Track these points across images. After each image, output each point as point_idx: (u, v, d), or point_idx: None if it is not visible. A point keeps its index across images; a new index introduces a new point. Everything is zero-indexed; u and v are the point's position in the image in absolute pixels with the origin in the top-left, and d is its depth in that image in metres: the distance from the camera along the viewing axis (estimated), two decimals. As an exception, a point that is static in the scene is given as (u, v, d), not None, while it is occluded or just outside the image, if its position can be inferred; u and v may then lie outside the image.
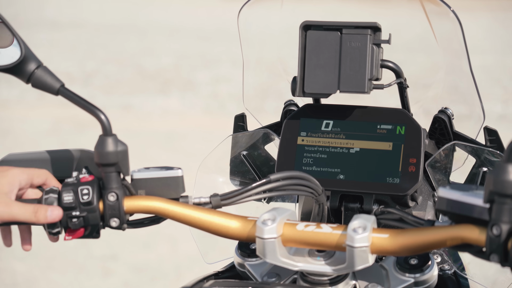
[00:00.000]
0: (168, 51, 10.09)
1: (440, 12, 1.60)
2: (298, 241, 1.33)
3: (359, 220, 1.28)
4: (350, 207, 1.53)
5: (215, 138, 1.97)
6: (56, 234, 1.35)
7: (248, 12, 1.69)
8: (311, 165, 1.55)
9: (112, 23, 12.13)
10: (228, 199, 1.40)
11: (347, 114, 1.55)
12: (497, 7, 12.30)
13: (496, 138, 1.60)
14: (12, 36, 1.38)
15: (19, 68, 1.37)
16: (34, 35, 10.16)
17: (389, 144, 1.52)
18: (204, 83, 8.52)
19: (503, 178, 1.12)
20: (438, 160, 1.58)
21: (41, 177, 1.38)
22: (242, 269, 1.51)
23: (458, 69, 1.67)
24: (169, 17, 12.63)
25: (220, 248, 1.62)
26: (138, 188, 1.37)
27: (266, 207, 1.67)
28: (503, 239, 1.14)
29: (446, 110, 1.64)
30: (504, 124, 6.87)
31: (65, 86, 1.39)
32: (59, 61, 9.05)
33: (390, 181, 1.50)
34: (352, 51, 1.48)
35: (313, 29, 1.51)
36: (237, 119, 1.77)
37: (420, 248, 1.26)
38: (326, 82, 1.50)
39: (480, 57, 8.44)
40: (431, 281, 1.40)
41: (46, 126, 7.02)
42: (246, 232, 1.34)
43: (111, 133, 1.34)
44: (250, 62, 1.77)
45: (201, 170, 1.69)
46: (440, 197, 1.24)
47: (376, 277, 1.39)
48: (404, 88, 1.60)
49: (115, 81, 8.69)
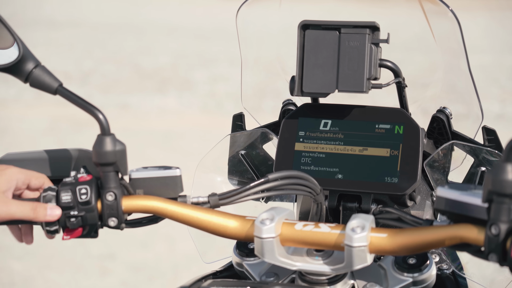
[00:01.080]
0: (165, 50, 10.09)
1: (438, 11, 1.60)
2: (297, 240, 1.33)
3: (358, 220, 1.28)
4: (348, 206, 1.53)
5: (212, 137, 1.97)
6: (53, 233, 1.34)
7: (246, 11, 1.69)
8: (309, 164, 1.55)
9: (110, 22, 12.12)
10: (226, 199, 1.40)
11: (345, 114, 1.55)
12: (495, 6, 12.30)
13: (495, 137, 1.60)
14: (11, 35, 1.38)
15: (17, 68, 1.37)
16: (32, 34, 10.14)
17: (387, 144, 1.52)
18: (202, 82, 8.52)
19: (502, 177, 1.12)
20: (436, 159, 1.58)
21: (39, 180, 1.38)
22: (240, 268, 1.51)
23: (457, 68, 1.67)
24: (166, 16, 12.62)
25: (218, 248, 1.62)
26: (136, 188, 1.37)
27: (264, 206, 1.66)
28: (502, 239, 1.14)
29: (444, 109, 1.64)
30: (502, 123, 6.87)
31: (63, 85, 1.39)
32: (57, 60, 9.04)
33: (389, 180, 1.50)
34: (350, 50, 1.48)
35: (311, 29, 1.51)
36: (235, 118, 1.77)
37: (418, 248, 1.26)
38: (325, 82, 1.50)
39: (478, 57, 8.44)
40: (430, 281, 1.40)
41: (44, 125, 7.02)
42: (245, 232, 1.34)
43: (109, 132, 1.33)
44: (249, 61, 1.77)
45: (199, 170, 1.69)
46: (439, 197, 1.24)
47: (375, 276, 1.39)
48: (402, 88, 1.60)
49: (113, 80, 8.68)
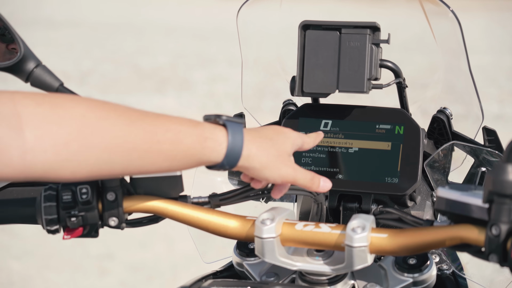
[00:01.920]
0: (164, 50, 10.09)
1: (439, 12, 1.60)
2: (297, 240, 1.33)
3: (358, 220, 1.28)
4: (349, 206, 1.53)
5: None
6: (54, 232, 1.34)
7: (247, 11, 1.69)
8: (309, 164, 1.55)
9: (109, 22, 12.12)
10: (226, 199, 1.40)
11: (346, 114, 1.55)
12: (493, 7, 12.31)
13: (495, 138, 1.60)
14: (12, 35, 1.38)
15: (18, 67, 1.37)
16: (31, 33, 10.13)
17: (388, 144, 1.52)
18: (201, 82, 8.52)
19: (503, 178, 1.12)
20: (436, 160, 1.58)
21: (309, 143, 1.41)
22: (240, 268, 1.51)
23: (457, 69, 1.67)
24: (165, 16, 12.62)
25: (218, 248, 1.62)
26: (137, 188, 1.37)
27: (264, 206, 1.66)
28: (502, 239, 1.14)
29: (444, 110, 1.64)
30: (501, 124, 6.87)
31: (64, 85, 1.39)
32: (56, 60, 9.03)
33: (389, 181, 1.50)
34: (351, 50, 1.48)
35: (312, 29, 1.51)
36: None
37: (419, 248, 1.26)
38: (325, 82, 1.50)
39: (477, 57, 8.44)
40: (430, 281, 1.40)
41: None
42: (245, 232, 1.34)
43: (110, 132, 1.33)
44: (249, 61, 1.77)
45: (200, 170, 1.69)
46: (439, 197, 1.24)
47: (375, 277, 1.39)
48: (403, 88, 1.60)
49: (112, 80, 8.68)
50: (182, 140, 1.19)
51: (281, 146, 1.31)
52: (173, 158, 1.19)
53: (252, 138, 1.26)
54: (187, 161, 1.21)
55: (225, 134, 1.23)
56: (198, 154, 1.21)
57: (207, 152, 1.22)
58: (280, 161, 1.30)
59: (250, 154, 1.25)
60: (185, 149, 1.20)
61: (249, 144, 1.25)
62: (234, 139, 1.23)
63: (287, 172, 1.31)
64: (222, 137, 1.23)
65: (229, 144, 1.22)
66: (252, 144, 1.25)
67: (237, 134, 1.23)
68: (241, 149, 1.23)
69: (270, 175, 1.29)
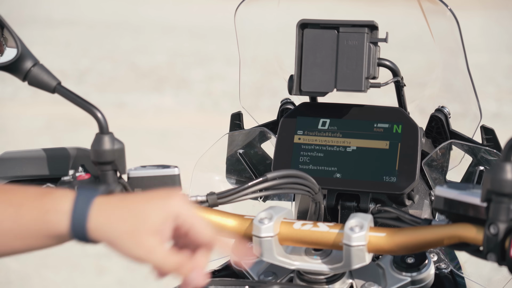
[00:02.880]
0: (162, 48, 10.08)
1: (436, 10, 1.60)
2: (295, 239, 1.33)
3: (356, 219, 1.28)
4: (347, 205, 1.52)
5: (209, 136, 1.97)
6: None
7: (245, 10, 1.69)
8: (307, 163, 1.55)
9: (106, 21, 12.11)
10: (224, 198, 1.40)
11: (344, 113, 1.55)
12: (491, 5, 12.31)
13: (493, 137, 1.60)
14: (9, 34, 1.38)
15: (16, 66, 1.37)
16: (29, 32, 10.12)
17: (386, 143, 1.51)
18: (198, 81, 8.51)
19: (501, 177, 1.12)
20: (434, 159, 1.58)
21: None
22: (238, 267, 1.51)
23: (455, 67, 1.67)
24: (163, 15, 12.62)
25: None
26: (135, 187, 1.37)
27: (262, 205, 1.66)
28: (500, 238, 1.14)
29: (442, 108, 1.64)
30: (498, 122, 6.88)
31: (61, 84, 1.38)
32: (53, 59, 9.03)
33: (387, 179, 1.50)
34: (349, 49, 1.48)
35: (310, 28, 1.51)
36: (233, 117, 1.77)
37: (417, 247, 1.26)
38: (323, 81, 1.50)
39: (474, 55, 8.45)
40: (428, 280, 1.40)
41: (40, 124, 7.01)
42: (243, 231, 1.34)
43: (107, 131, 1.33)
44: (247, 60, 1.77)
45: (197, 169, 1.69)
46: (437, 196, 1.24)
47: (373, 276, 1.39)
48: (401, 87, 1.60)
49: (109, 78, 8.68)
50: (24, 215, 1.09)
51: (145, 219, 1.09)
52: (18, 236, 1.09)
53: (105, 208, 1.09)
54: (36, 237, 1.09)
55: (71, 204, 1.09)
56: (42, 230, 1.09)
57: (50, 226, 1.09)
58: (136, 236, 1.08)
59: (96, 227, 1.08)
60: (27, 225, 1.09)
61: (98, 215, 1.09)
62: (77, 210, 1.08)
63: (139, 253, 1.09)
64: (67, 207, 1.09)
65: (73, 216, 1.08)
66: (101, 215, 1.09)
67: (83, 203, 1.09)
68: (85, 220, 1.08)
69: (129, 253, 1.09)
